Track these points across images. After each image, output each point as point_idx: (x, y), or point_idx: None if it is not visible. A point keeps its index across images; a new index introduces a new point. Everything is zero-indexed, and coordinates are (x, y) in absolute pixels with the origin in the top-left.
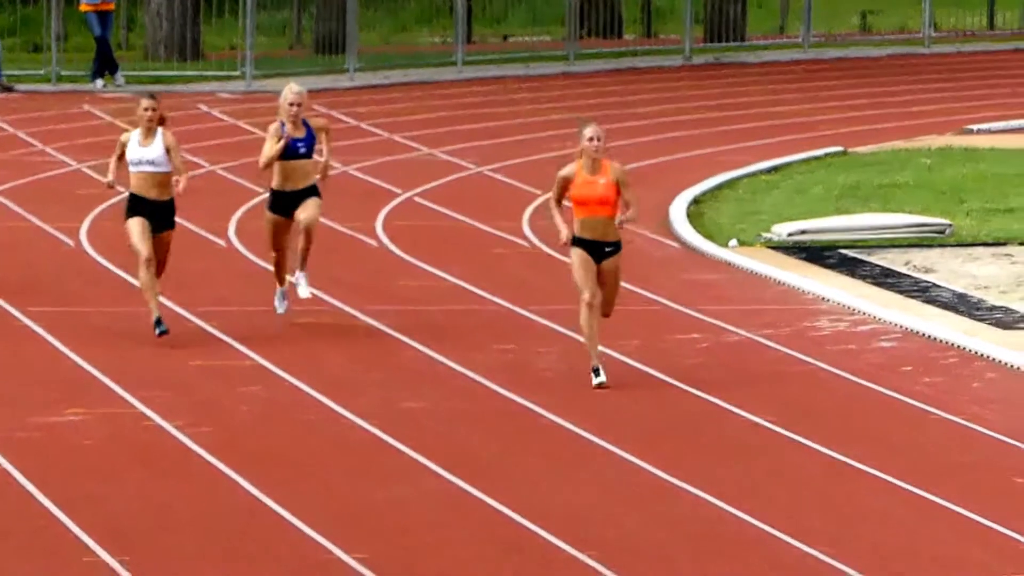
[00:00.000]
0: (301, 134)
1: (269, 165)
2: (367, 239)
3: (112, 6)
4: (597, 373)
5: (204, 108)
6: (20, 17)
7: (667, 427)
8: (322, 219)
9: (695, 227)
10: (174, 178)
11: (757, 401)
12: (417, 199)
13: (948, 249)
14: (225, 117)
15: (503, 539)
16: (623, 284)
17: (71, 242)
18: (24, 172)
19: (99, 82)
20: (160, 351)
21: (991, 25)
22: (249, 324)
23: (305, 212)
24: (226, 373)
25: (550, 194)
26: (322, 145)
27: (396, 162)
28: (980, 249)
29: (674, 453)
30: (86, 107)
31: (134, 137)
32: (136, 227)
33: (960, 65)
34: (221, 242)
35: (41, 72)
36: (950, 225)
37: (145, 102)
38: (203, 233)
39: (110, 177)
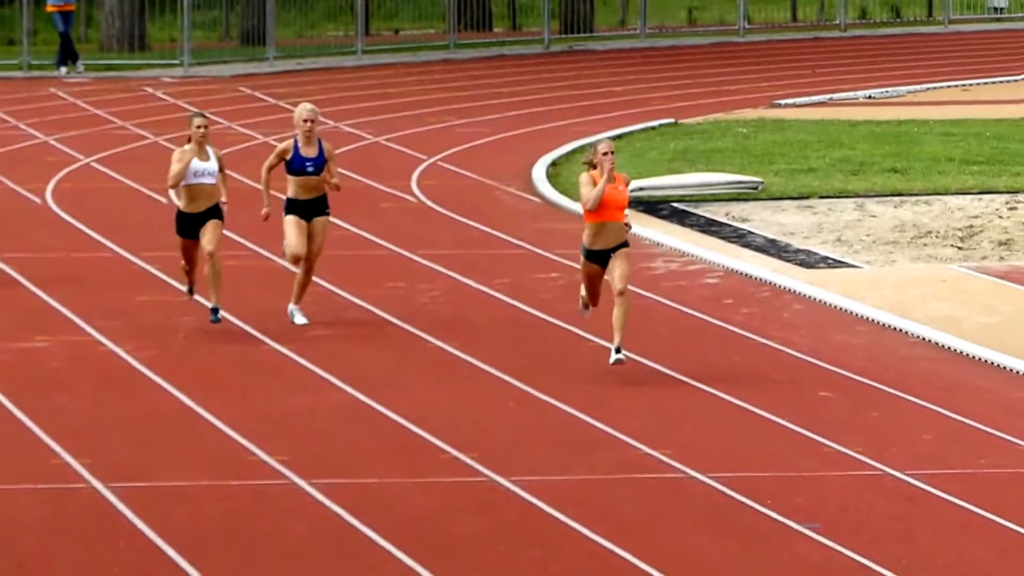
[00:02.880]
0: (313, 152)
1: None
2: (281, 196)
3: (74, 7)
4: (617, 351)
5: (150, 90)
6: None
7: (529, 350)
8: (245, 179)
9: (553, 185)
10: (221, 200)
11: (604, 328)
12: None
13: (760, 202)
14: (167, 97)
15: (397, 442)
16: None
17: (38, 200)
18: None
19: (63, 70)
20: (112, 288)
21: (794, 18)
22: None
23: (315, 240)
24: (166, 307)
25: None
26: (332, 167)
27: None
28: (787, 202)
29: (535, 370)
30: (52, 90)
31: (190, 153)
32: (184, 244)
33: (769, 52)
34: (163, 200)
35: (15, 62)
36: (762, 182)
37: (198, 120)
38: (146, 191)
39: (177, 200)
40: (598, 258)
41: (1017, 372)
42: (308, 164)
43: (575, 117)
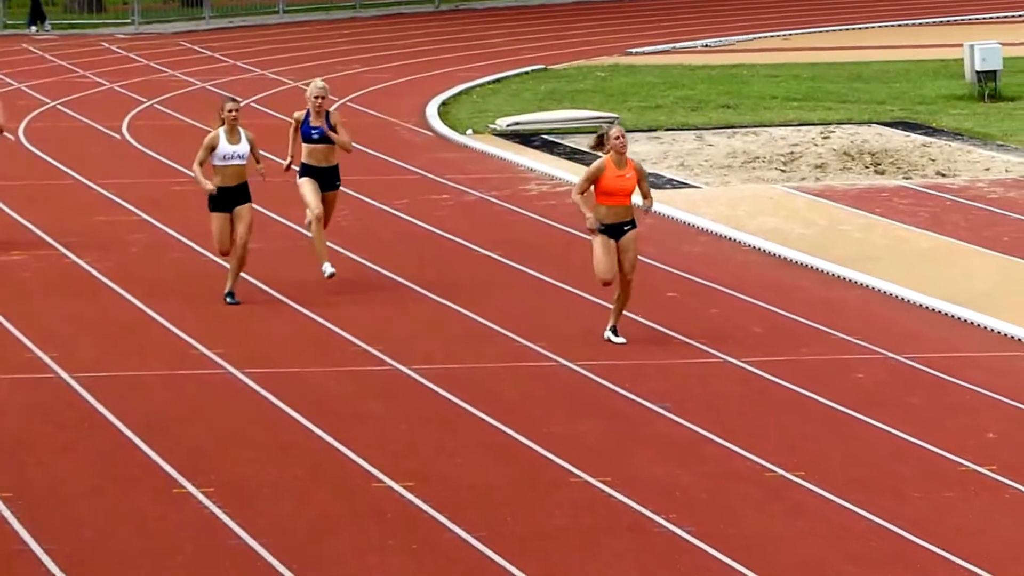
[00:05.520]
0: (321, 123)
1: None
2: None
3: None
4: (615, 332)
5: (105, 45)
6: None
7: (425, 259)
8: (178, 115)
9: (443, 121)
10: (259, 167)
11: (485, 239)
12: (253, 104)
13: None
14: (120, 51)
15: (315, 336)
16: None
17: (12, 137)
18: None
19: (33, 28)
20: (75, 210)
21: None
22: (136, 191)
23: (327, 213)
24: (121, 225)
25: (574, 187)
26: (338, 126)
27: (239, 80)
28: (639, 134)
29: (430, 275)
30: (24, 46)
31: (221, 136)
32: (218, 222)
33: (623, 9)
34: (116, 135)
35: None
36: (618, 117)
37: (229, 104)
38: (103, 129)
39: (209, 185)
40: (610, 231)
41: (832, 274)
42: (314, 132)
43: (461, 64)
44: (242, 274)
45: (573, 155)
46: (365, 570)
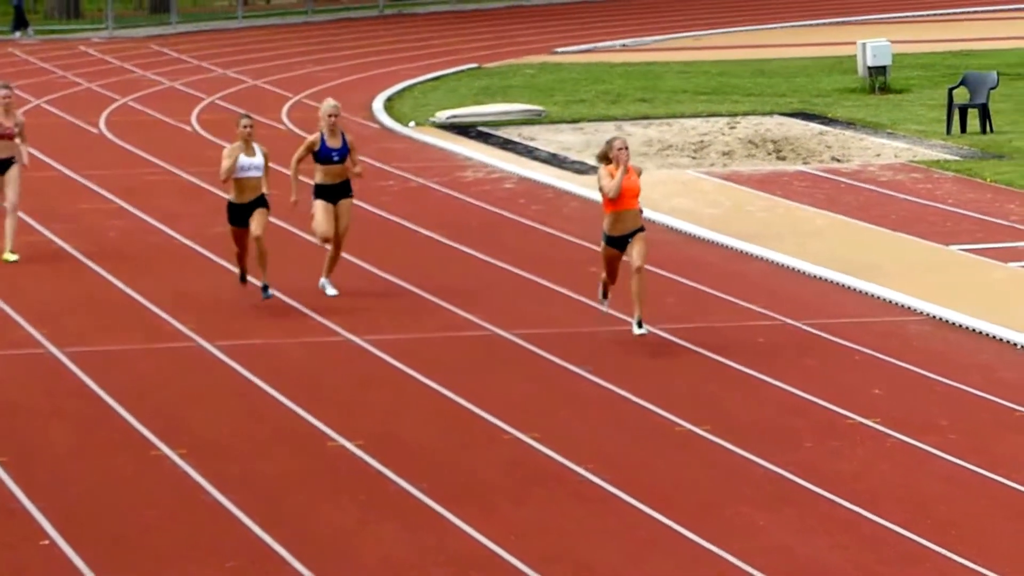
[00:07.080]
0: (338, 143)
1: (296, 171)
2: (184, 126)
3: None
4: (639, 325)
5: (83, 48)
6: None
7: (373, 240)
8: (149, 111)
9: (389, 114)
10: (264, 191)
11: (427, 221)
12: (218, 101)
13: (544, 126)
14: (96, 53)
15: (278, 310)
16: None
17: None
18: None
19: (17, 34)
20: (59, 200)
21: None
22: (114, 181)
23: (342, 220)
24: (101, 213)
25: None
26: (355, 156)
27: (203, 79)
28: (564, 125)
29: (380, 255)
30: (10, 50)
31: (237, 150)
32: (237, 233)
33: (549, 12)
34: (94, 130)
35: None
36: (545, 111)
37: (244, 120)
38: (81, 124)
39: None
40: (617, 243)
41: (737, 250)
42: (334, 154)
43: (403, 64)
44: (213, 256)
45: (505, 144)
46: (319, 520)
